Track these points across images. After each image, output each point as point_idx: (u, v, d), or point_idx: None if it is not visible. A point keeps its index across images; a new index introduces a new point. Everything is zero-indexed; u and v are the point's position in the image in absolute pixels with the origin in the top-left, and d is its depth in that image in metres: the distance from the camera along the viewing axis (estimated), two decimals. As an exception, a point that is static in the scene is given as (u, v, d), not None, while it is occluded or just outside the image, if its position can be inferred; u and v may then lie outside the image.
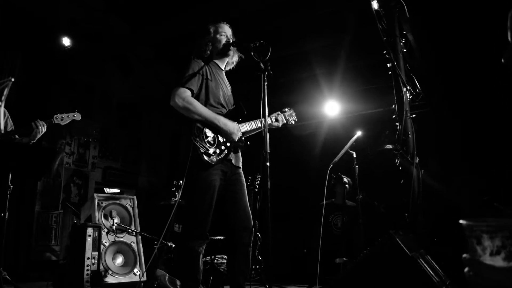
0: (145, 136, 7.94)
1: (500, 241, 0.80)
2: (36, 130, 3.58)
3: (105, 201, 4.33)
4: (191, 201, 2.93)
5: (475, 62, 4.93)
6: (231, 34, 3.24)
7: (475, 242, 0.84)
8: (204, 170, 2.85)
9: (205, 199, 2.85)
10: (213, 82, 3.06)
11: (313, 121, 7.20)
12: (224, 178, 2.98)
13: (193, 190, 2.90)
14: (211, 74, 3.08)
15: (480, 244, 0.83)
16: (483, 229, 0.82)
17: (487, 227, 0.82)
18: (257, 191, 5.07)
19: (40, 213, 5.98)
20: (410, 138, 3.89)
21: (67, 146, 6.51)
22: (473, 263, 0.85)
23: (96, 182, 6.94)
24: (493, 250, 0.82)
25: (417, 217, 3.66)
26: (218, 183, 2.91)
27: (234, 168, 3.06)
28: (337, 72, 6.52)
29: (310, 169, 6.72)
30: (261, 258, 5.00)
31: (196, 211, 2.88)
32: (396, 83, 4.03)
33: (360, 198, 4.47)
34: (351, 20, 5.75)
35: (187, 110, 2.87)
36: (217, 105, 3.04)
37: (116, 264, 4.16)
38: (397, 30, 4.29)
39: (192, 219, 2.90)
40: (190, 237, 2.88)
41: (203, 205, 2.85)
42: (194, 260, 2.87)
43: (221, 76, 3.20)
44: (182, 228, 3.08)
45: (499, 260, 0.81)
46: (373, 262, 2.76)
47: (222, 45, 3.16)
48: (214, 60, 3.20)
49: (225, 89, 3.19)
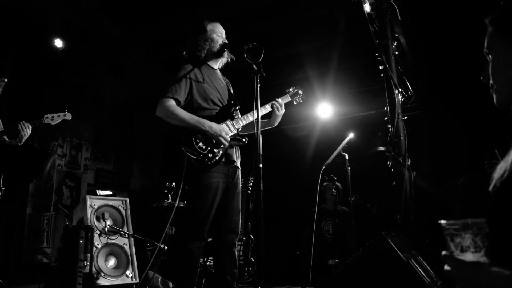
0: (137, 137, 7.90)
1: (470, 238, 0.93)
2: (21, 133, 3.54)
3: (97, 203, 4.31)
4: (192, 203, 2.95)
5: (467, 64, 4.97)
6: (224, 35, 3.26)
7: (449, 239, 0.97)
8: (201, 173, 2.88)
9: (205, 202, 2.89)
10: (205, 83, 3.06)
11: (306, 123, 7.22)
12: (227, 180, 3.00)
13: (194, 192, 2.93)
14: (202, 75, 3.08)
15: (453, 241, 0.95)
16: (456, 228, 0.94)
17: (458, 226, 0.94)
18: (250, 193, 5.07)
19: (32, 215, 5.93)
20: (402, 140, 3.91)
21: (59, 148, 6.47)
22: (448, 259, 0.97)
23: (89, 184, 6.90)
24: (463, 246, 0.94)
25: (409, 219, 3.68)
26: (221, 185, 2.95)
27: (235, 169, 3.08)
28: (330, 74, 6.54)
29: (302, 171, 6.72)
30: (254, 260, 5.00)
31: (195, 213, 2.90)
32: (388, 85, 4.05)
33: (352, 200, 4.48)
34: (343, 22, 5.77)
35: (171, 119, 2.91)
36: (211, 105, 3.05)
37: (109, 266, 4.14)
38: (389, 33, 4.31)
39: (192, 220, 2.91)
40: (189, 238, 2.90)
41: (202, 207, 2.89)
42: (192, 261, 2.89)
43: (214, 76, 3.19)
44: (180, 230, 3.09)
45: (469, 255, 0.93)
46: (365, 263, 2.77)
47: (219, 45, 3.16)
48: (207, 61, 3.19)
49: (221, 87, 3.18)
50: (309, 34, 6.28)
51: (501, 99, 1.21)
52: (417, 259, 2.88)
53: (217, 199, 2.92)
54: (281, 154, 7.02)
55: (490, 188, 1.11)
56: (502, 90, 1.19)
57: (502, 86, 1.19)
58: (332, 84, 6.61)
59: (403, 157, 3.83)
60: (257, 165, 2.51)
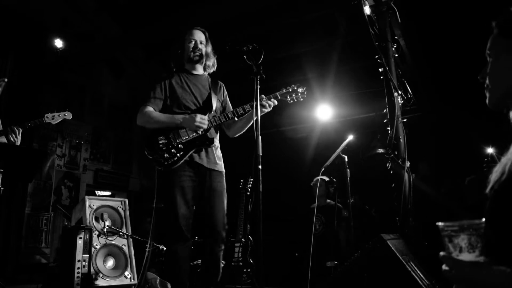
0: (136, 138, 7.90)
1: (466, 239, 0.96)
2: (10, 136, 3.51)
3: (96, 204, 4.30)
4: (164, 204, 3.01)
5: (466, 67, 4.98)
6: (203, 40, 3.29)
7: (447, 241, 1.00)
8: (166, 174, 2.96)
9: (173, 201, 2.92)
10: (180, 88, 3.15)
11: (305, 124, 7.22)
12: (198, 180, 3.03)
13: (163, 194, 3.01)
14: (179, 81, 3.18)
15: (452, 242, 0.99)
16: (454, 229, 0.98)
17: (456, 228, 0.97)
18: (249, 194, 5.06)
19: (30, 215, 5.93)
20: (401, 142, 3.92)
21: (58, 148, 6.47)
22: (447, 259, 0.99)
23: (87, 185, 6.90)
24: (462, 247, 0.97)
25: (407, 221, 3.68)
26: (187, 184, 2.97)
27: (206, 171, 3.06)
28: (329, 75, 6.54)
29: (301, 172, 6.72)
30: (253, 261, 5.00)
31: (168, 213, 2.95)
32: (388, 87, 4.05)
33: (351, 202, 4.48)
34: (343, 24, 5.79)
35: (150, 123, 3.04)
36: (183, 110, 3.10)
37: (107, 267, 4.13)
38: (389, 35, 4.32)
39: (167, 222, 2.97)
40: (170, 241, 2.96)
41: (172, 207, 2.92)
42: (177, 263, 2.91)
43: (192, 81, 3.23)
44: (165, 232, 3.09)
45: (467, 255, 0.97)
46: (363, 265, 2.77)
47: (189, 51, 3.23)
48: (185, 67, 3.28)
49: (199, 92, 3.21)
50: (309, 35, 6.29)
51: (493, 99, 1.26)
52: (415, 261, 2.88)
53: (187, 198, 2.94)
54: (281, 156, 7.02)
55: (488, 190, 1.14)
56: (495, 91, 1.25)
57: (496, 87, 1.25)
58: (331, 86, 6.62)
59: (402, 159, 3.84)
60: (257, 166, 2.51)
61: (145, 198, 7.51)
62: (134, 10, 6.17)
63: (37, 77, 6.11)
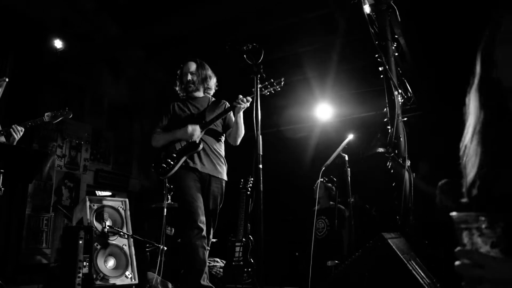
0: (136, 138, 7.90)
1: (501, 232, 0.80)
2: (13, 135, 3.55)
3: (96, 204, 4.30)
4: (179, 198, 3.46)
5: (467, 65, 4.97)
6: (193, 70, 3.69)
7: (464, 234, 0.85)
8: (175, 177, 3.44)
9: (185, 192, 3.33)
10: (181, 111, 3.63)
11: (305, 124, 7.22)
12: (200, 183, 3.44)
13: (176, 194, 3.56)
14: (181, 106, 3.66)
15: (482, 236, 0.82)
16: (482, 220, 0.81)
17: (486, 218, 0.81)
18: (249, 194, 5.06)
19: (31, 216, 5.92)
20: (401, 141, 3.91)
21: (59, 148, 6.47)
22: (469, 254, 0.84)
23: (88, 185, 6.89)
24: (493, 241, 0.81)
25: (408, 220, 3.67)
26: (193, 183, 3.38)
27: (206, 176, 3.46)
28: (329, 75, 6.54)
29: (302, 172, 6.72)
30: (253, 261, 5.00)
31: (183, 206, 3.35)
32: (388, 86, 4.05)
33: (352, 201, 4.48)
34: (343, 23, 5.78)
35: (157, 142, 3.56)
36: (182, 126, 3.51)
37: (108, 267, 4.13)
38: (389, 34, 4.31)
39: (183, 208, 3.34)
40: (185, 229, 3.25)
41: (185, 196, 3.32)
42: (192, 251, 3.17)
43: (193, 103, 3.68)
44: (180, 223, 3.57)
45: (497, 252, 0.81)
46: (364, 264, 2.77)
47: (184, 84, 3.70)
48: (188, 94, 3.71)
49: (198, 111, 3.63)
50: (309, 35, 6.28)
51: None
52: (416, 260, 2.88)
53: (193, 191, 3.34)
54: (281, 155, 7.02)
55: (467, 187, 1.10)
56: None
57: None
58: (331, 85, 6.62)
59: (402, 158, 3.83)
60: (257, 166, 2.51)
61: (145, 199, 7.52)
62: (134, 10, 6.16)
63: (37, 77, 6.10)
